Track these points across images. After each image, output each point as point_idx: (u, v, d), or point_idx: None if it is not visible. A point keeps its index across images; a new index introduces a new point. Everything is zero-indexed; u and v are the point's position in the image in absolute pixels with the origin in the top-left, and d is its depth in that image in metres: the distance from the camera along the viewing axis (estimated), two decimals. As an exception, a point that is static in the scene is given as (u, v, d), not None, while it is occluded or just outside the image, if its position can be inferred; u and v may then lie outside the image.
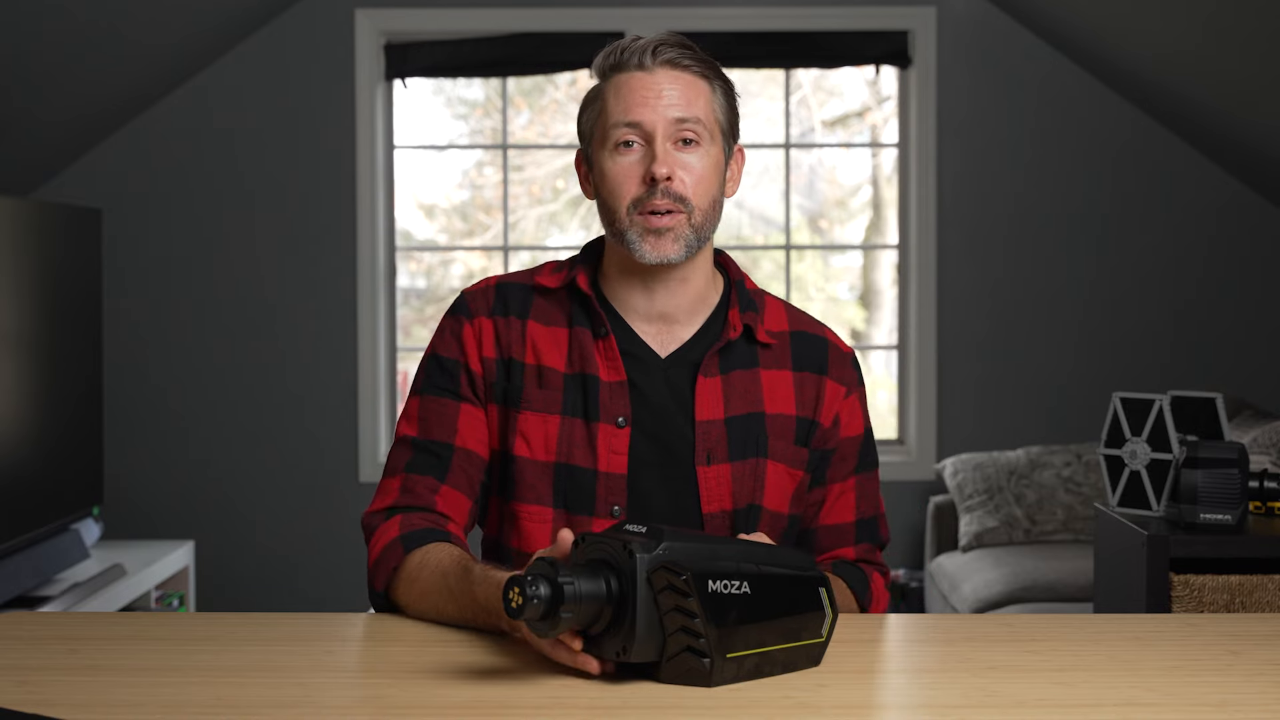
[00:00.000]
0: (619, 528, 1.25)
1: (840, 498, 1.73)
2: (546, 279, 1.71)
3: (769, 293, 1.77)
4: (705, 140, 1.62)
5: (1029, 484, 4.26)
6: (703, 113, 1.62)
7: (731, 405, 1.66)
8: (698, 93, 1.62)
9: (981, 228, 4.68)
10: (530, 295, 1.71)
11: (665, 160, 1.59)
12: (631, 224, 1.61)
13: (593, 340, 1.66)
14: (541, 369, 1.66)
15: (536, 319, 1.69)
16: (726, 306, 1.71)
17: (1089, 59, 4.55)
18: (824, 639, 1.29)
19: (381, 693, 1.23)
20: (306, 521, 4.68)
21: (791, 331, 1.73)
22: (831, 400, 1.71)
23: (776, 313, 1.74)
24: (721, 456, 1.64)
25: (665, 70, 1.62)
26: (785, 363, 1.70)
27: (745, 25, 4.63)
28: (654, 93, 1.61)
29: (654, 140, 1.60)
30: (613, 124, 1.62)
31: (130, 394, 4.63)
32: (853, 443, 1.73)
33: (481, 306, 1.70)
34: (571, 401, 1.64)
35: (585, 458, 1.63)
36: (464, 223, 5.00)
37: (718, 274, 1.74)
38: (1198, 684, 1.26)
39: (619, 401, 1.64)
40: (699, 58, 1.64)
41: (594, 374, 1.65)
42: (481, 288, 1.73)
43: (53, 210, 3.50)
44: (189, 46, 4.42)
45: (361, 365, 4.65)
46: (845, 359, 1.74)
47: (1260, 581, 2.15)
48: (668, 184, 1.59)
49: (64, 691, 1.22)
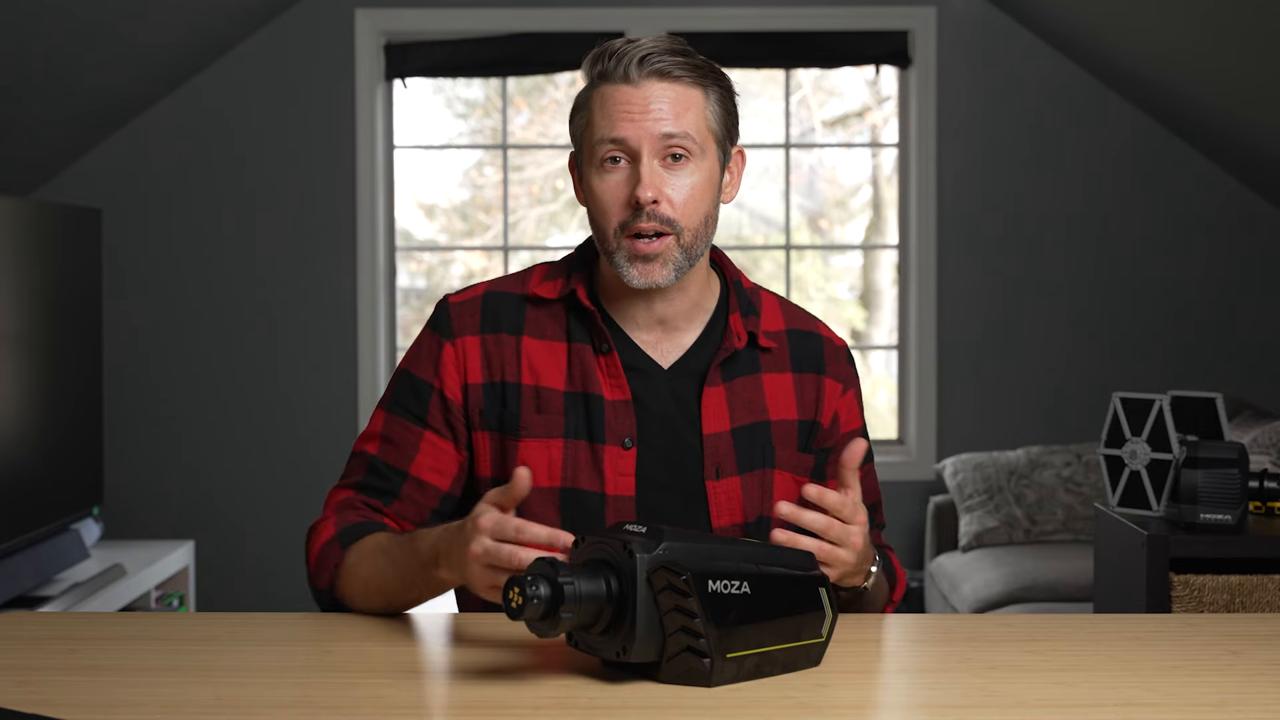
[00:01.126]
0: (619, 527, 1.25)
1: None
2: (542, 288, 1.64)
3: (763, 288, 1.74)
4: (696, 154, 1.55)
5: (1029, 484, 4.26)
6: (692, 125, 1.55)
7: (737, 415, 1.62)
8: (688, 104, 1.55)
9: (981, 228, 4.68)
10: (523, 307, 1.64)
11: (650, 182, 1.52)
12: (620, 247, 1.55)
13: (594, 356, 1.60)
14: (540, 390, 1.60)
15: (532, 334, 1.62)
16: (726, 310, 1.66)
17: (1089, 59, 4.55)
18: (824, 639, 1.29)
19: (381, 693, 1.23)
20: (306, 522, 4.67)
21: (788, 330, 1.69)
22: (830, 399, 1.68)
23: (772, 311, 1.70)
24: (730, 469, 1.61)
25: (653, 82, 1.54)
26: (785, 365, 1.67)
27: (745, 25, 4.63)
28: (639, 107, 1.53)
29: (640, 158, 1.53)
30: (598, 139, 1.55)
31: (130, 394, 4.63)
32: (852, 437, 1.69)
33: (468, 324, 1.63)
34: (574, 424, 1.59)
35: (592, 481, 1.58)
36: (464, 223, 5.00)
37: (713, 274, 1.69)
38: (1198, 684, 1.26)
39: (624, 421, 1.59)
40: (690, 64, 1.56)
41: (597, 393, 1.59)
42: (468, 299, 1.65)
43: (53, 210, 3.50)
44: (189, 46, 4.42)
45: (361, 365, 4.65)
46: (840, 354, 1.71)
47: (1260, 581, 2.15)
48: (654, 207, 1.53)
49: (64, 691, 1.22)
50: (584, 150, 1.60)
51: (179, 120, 4.61)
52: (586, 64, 1.60)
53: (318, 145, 4.64)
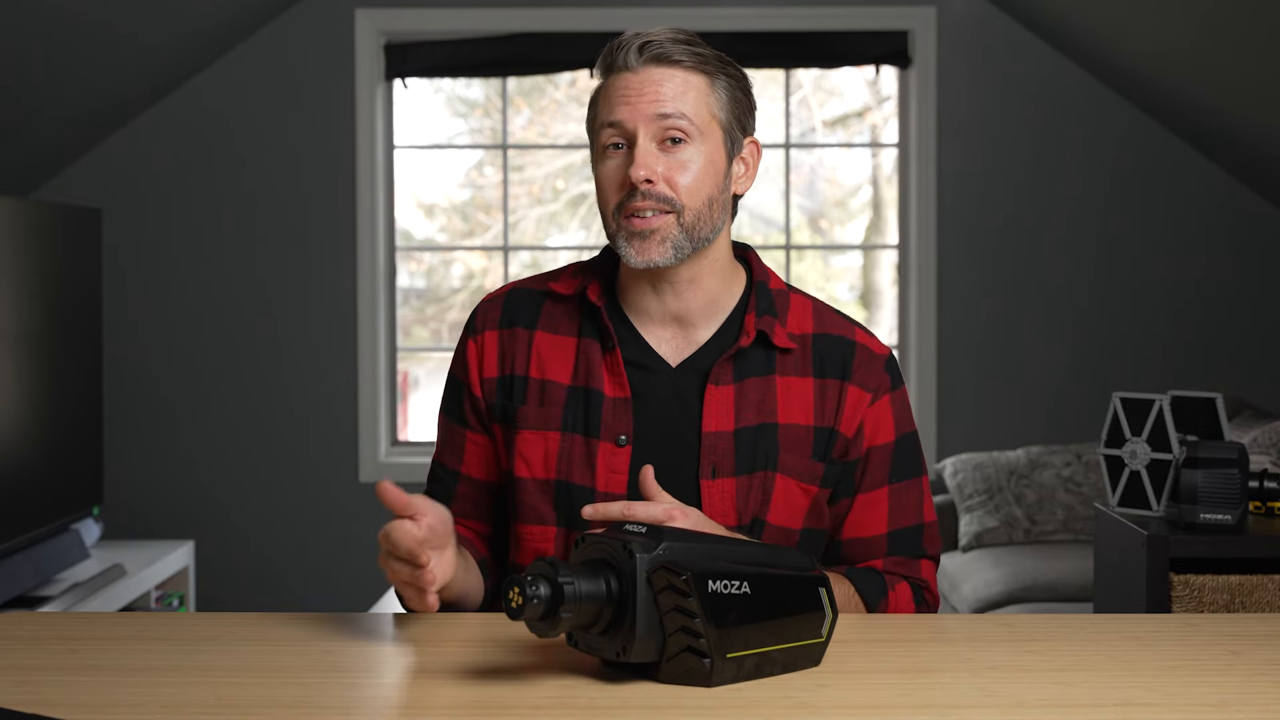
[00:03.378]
0: (619, 527, 1.25)
1: (869, 509, 1.64)
2: (561, 284, 1.66)
3: (799, 291, 1.68)
4: (695, 137, 1.54)
5: (1029, 484, 4.26)
6: (690, 108, 1.54)
7: (743, 416, 1.59)
8: (687, 87, 1.55)
9: (981, 228, 4.68)
10: (541, 301, 1.66)
11: (643, 162, 1.52)
12: (619, 228, 1.56)
13: (601, 354, 1.61)
14: (545, 383, 1.62)
15: (545, 328, 1.64)
16: (744, 310, 1.63)
17: (1088, 59, 4.55)
18: (824, 639, 1.29)
19: (382, 693, 1.23)
20: (306, 521, 4.68)
21: (815, 335, 1.64)
22: (854, 408, 1.62)
23: (802, 314, 1.65)
24: (727, 470, 1.58)
25: (651, 67, 1.55)
26: (806, 369, 1.62)
27: (745, 25, 4.63)
28: (635, 91, 1.54)
29: (636, 141, 1.54)
30: (599, 126, 1.57)
31: (130, 394, 4.63)
32: (882, 451, 1.64)
33: (490, 319, 1.67)
34: (572, 417, 1.60)
35: (584, 476, 1.59)
36: (464, 223, 5.00)
37: (740, 272, 1.66)
38: (1198, 684, 1.26)
39: (621, 419, 1.59)
40: (694, 51, 1.56)
41: (598, 389, 1.60)
42: (494, 297, 1.69)
43: (53, 210, 3.50)
44: (189, 46, 4.42)
45: (361, 365, 4.65)
46: (875, 361, 1.64)
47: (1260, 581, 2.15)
48: (649, 186, 1.53)
49: (64, 691, 1.22)
50: (593, 142, 1.61)
51: (179, 120, 4.61)
52: (598, 59, 1.60)
53: (318, 145, 4.64)
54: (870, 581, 1.63)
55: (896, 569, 1.66)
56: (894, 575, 1.66)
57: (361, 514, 4.62)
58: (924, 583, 1.67)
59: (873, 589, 1.63)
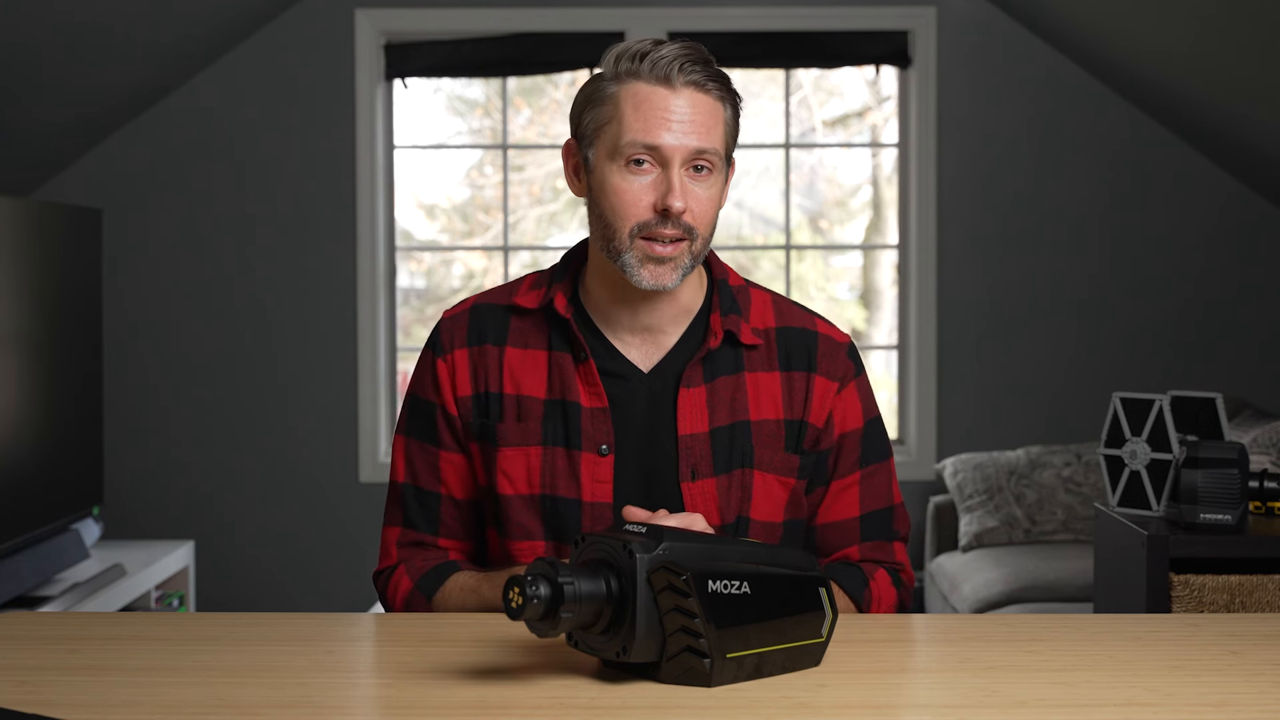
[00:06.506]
0: (619, 527, 1.26)
1: (842, 494, 1.68)
2: (524, 298, 1.66)
3: (757, 286, 1.71)
4: (716, 168, 1.57)
5: (1029, 484, 4.26)
6: (719, 141, 1.56)
7: (716, 416, 1.61)
8: (716, 119, 1.56)
9: (981, 228, 4.68)
10: (507, 317, 1.66)
11: (682, 193, 1.53)
12: (633, 247, 1.55)
13: (574, 366, 1.62)
14: (520, 399, 1.62)
15: (514, 343, 1.64)
16: (709, 310, 1.66)
17: (1088, 59, 4.55)
18: (824, 639, 1.29)
19: (381, 693, 1.23)
20: (307, 521, 4.68)
21: (778, 328, 1.67)
22: (822, 398, 1.65)
23: (763, 308, 1.68)
24: (706, 471, 1.60)
25: (690, 92, 1.54)
26: (772, 363, 1.65)
27: (745, 25, 4.63)
28: (676, 116, 1.53)
29: (670, 166, 1.54)
30: (628, 140, 1.54)
31: (130, 394, 4.63)
32: (852, 437, 1.67)
33: (457, 338, 1.66)
34: (552, 430, 1.61)
35: (569, 488, 1.60)
36: (464, 223, 5.00)
37: (702, 273, 1.68)
38: (1198, 684, 1.26)
39: (601, 429, 1.60)
40: (717, 75, 1.57)
41: (575, 400, 1.61)
42: (458, 313, 1.68)
43: (53, 210, 3.50)
44: (189, 46, 4.42)
45: (361, 365, 4.65)
46: (837, 350, 1.67)
47: (1260, 581, 2.15)
48: (679, 215, 1.54)
49: (64, 691, 1.22)
50: (601, 145, 1.58)
51: (179, 120, 4.61)
52: (613, 58, 1.57)
53: (318, 145, 4.64)
54: (851, 576, 1.66)
55: (872, 554, 1.70)
56: (870, 563, 1.69)
57: (361, 514, 4.62)
58: (899, 565, 1.72)
59: (854, 583, 1.66)
